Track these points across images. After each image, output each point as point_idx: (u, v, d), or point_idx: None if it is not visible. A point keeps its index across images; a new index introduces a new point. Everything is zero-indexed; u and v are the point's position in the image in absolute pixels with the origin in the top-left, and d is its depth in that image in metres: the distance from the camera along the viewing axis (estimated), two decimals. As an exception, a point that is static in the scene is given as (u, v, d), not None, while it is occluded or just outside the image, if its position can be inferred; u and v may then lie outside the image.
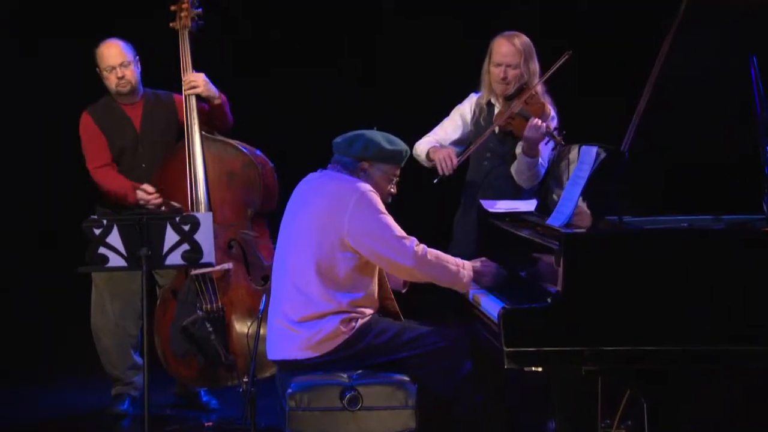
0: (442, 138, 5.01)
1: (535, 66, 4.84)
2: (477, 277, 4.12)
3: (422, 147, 4.93)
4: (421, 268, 3.95)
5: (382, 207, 3.98)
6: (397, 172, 4.15)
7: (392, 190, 4.13)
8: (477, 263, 4.11)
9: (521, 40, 4.81)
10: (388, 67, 6.65)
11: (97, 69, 5.19)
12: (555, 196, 4.14)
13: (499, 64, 4.81)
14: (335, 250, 3.95)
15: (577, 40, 5.20)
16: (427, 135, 5.02)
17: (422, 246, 3.99)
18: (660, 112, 3.84)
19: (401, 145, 4.12)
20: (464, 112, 5.01)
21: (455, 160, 4.79)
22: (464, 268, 4.04)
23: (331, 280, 3.96)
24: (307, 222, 4.00)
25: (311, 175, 4.17)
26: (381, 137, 4.08)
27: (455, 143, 4.99)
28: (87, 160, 5.20)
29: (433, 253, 4.01)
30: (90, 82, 5.25)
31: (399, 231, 3.96)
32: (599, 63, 6.06)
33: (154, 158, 5.18)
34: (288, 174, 4.74)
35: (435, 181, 4.77)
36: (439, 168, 4.79)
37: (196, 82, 5.15)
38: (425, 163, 4.93)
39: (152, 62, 5.30)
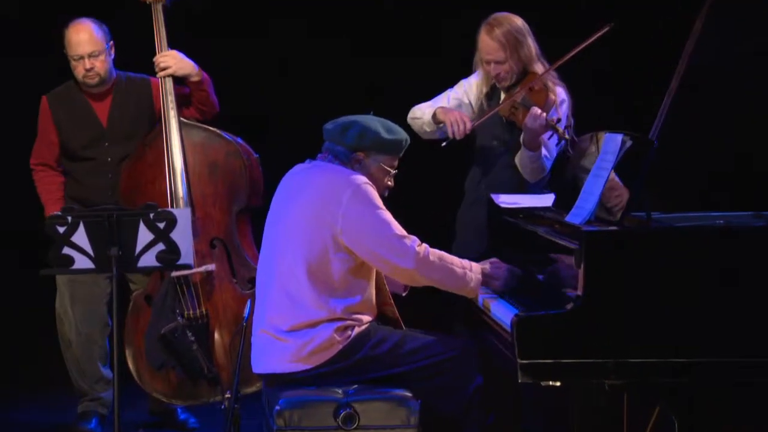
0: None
1: (530, 50, 4.80)
2: (487, 280, 4.11)
3: (425, 109, 4.93)
4: (424, 271, 3.94)
5: (379, 202, 3.96)
6: (396, 164, 4.14)
7: (389, 183, 4.12)
8: (486, 265, 4.12)
9: (503, 29, 4.76)
10: (386, 41, 6.64)
11: (64, 51, 5.14)
12: (575, 190, 4.13)
13: (487, 62, 4.81)
14: (328, 251, 3.94)
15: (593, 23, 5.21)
16: (427, 102, 4.98)
17: (424, 246, 3.97)
18: (693, 96, 3.86)
19: (401, 134, 4.10)
20: (470, 90, 4.99)
21: (469, 124, 4.77)
22: (472, 270, 4.03)
23: (323, 283, 3.95)
24: (295, 219, 3.99)
25: (299, 167, 4.15)
26: (378, 124, 4.06)
27: None
28: (33, 151, 5.21)
29: (437, 254, 3.99)
30: (53, 67, 5.24)
31: (399, 229, 3.94)
32: (623, 48, 6.06)
33: (122, 152, 5.17)
34: (271, 165, 4.70)
35: (443, 145, 4.76)
36: (449, 130, 4.76)
37: (166, 60, 5.11)
38: (425, 129, 4.93)
39: (126, 40, 5.24)
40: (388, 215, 3.96)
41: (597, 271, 3.56)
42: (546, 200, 4.48)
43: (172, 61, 5.12)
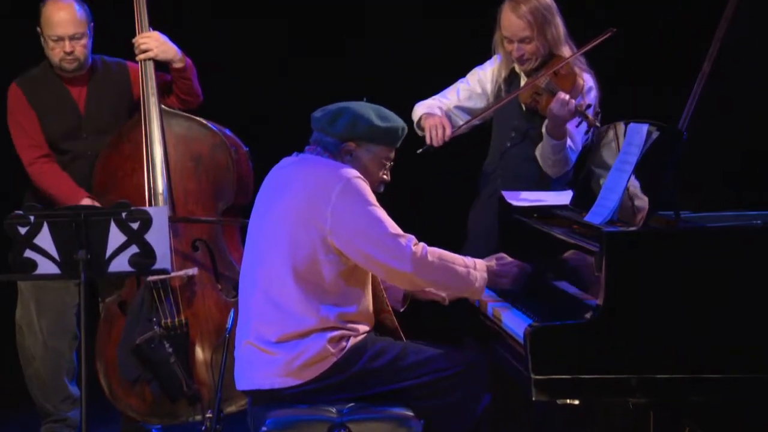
0: (451, 104, 5.01)
1: (557, 29, 4.82)
2: (493, 278, 4.10)
3: (419, 110, 4.99)
4: (423, 273, 3.94)
5: (372, 198, 3.96)
6: (392, 155, 4.13)
7: (385, 176, 4.11)
8: (492, 261, 4.12)
9: (529, 5, 4.78)
10: (379, 22, 6.67)
11: (39, 29, 5.11)
12: (595, 186, 4.12)
13: (510, 41, 4.82)
14: (317, 253, 3.94)
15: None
16: (434, 97, 5.02)
17: (422, 245, 3.97)
18: (726, 81, 3.87)
19: (397, 122, 4.08)
20: (485, 78, 5.01)
21: (448, 131, 4.80)
22: (476, 268, 4.04)
23: (313, 289, 3.95)
24: (280, 219, 3.99)
25: (285, 161, 4.15)
26: (371, 111, 4.05)
27: (468, 114, 5.00)
28: (18, 149, 5.15)
29: (436, 252, 3.99)
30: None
31: (393, 227, 3.94)
32: (648, 36, 6.08)
33: (100, 145, 5.15)
34: (263, 159, 4.67)
35: (418, 151, 4.80)
36: (427, 137, 4.81)
37: (148, 42, 5.10)
38: (418, 132, 4.96)
39: (101, 18, 5.20)
40: (381, 212, 3.94)
41: (619, 276, 3.55)
42: (563, 198, 4.49)
43: (154, 44, 5.09)
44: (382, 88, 4.35)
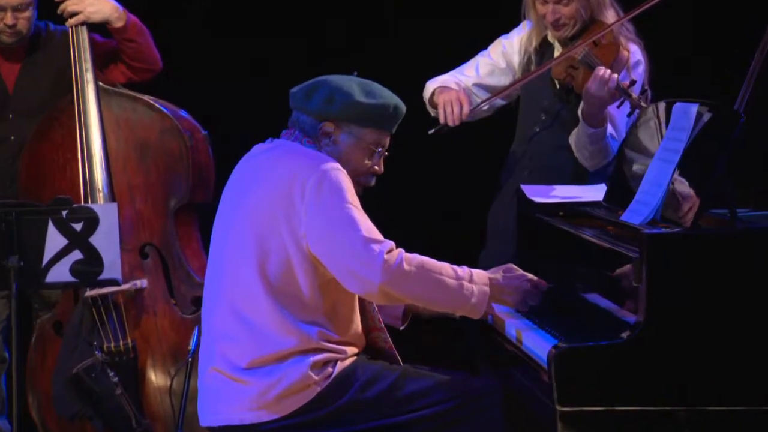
0: (469, 81, 5.02)
1: None
2: (497, 294, 4.05)
3: (431, 86, 5.00)
4: (396, 285, 3.90)
5: (350, 194, 3.93)
6: (383, 141, 4.10)
7: (375, 167, 4.10)
8: (498, 273, 4.07)
9: None
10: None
11: None
12: (633, 179, 4.12)
13: (544, 1, 4.88)
14: (291, 261, 3.93)
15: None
16: (449, 73, 5.02)
17: (398, 252, 3.92)
18: None
19: (387, 99, 4.06)
20: (510, 49, 5.03)
21: (466, 108, 4.79)
22: (472, 281, 3.99)
23: (290, 303, 3.95)
24: (248, 218, 3.99)
25: (258, 148, 4.15)
26: (355, 85, 4.04)
27: (490, 92, 5.00)
28: None
29: (415, 260, 3.94)
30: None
31: (368, 230, 3.91)
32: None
33: (28, 128, 5.16)
34: (232, 147, 4.63)
35: (430, 132, 4.83)
36: (441, 115, 4.83)
37: (75, 3, 5.08)
38: (431, 111, 4.98)
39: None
40: (357, 213, 3.92)
41: (663, 287, 3.56)
42: (595, 193, 4.51)
43: (83, 3, 5.08)
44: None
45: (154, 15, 5.40)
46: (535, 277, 4.10)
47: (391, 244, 3.92)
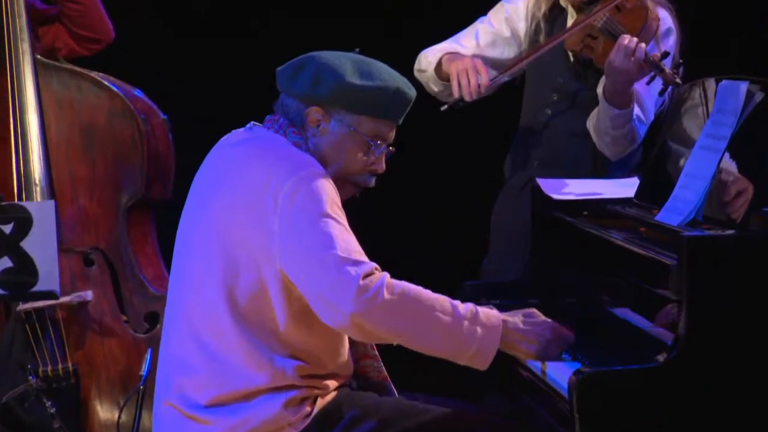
0: (467, 53, 5.07)
1: None
2: (513, 340, 3.94)
3: (431, 56, 5.01)
4: (372, 316, 3.81)
5: (328, 203, 3.88)
6: (384, 133, 4.07)
7: (374, 165, 4.08)
8: (517, 317, 3.97)
9: None
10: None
11: None
12: (672, 171, 4.15)
13: None
14: (263, 281, 3.91)
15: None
16: (443, 42, 5.04)
17: (379, 277, 3.84)
18: None
19: (387, 80, 4.03)
20: (515, 14, 5.06)
21: (485, 77, 4.82)
22: (477, 321, 3.90)
23: (261, 331, 3.93)
24: (215, 224, 3.97)
25: (233, 135, 4.14)
26: (348, 63, 4.02)
27: (492, 67, 5.01)
28: None
29: (401, 289, 3.85)
30: None
31: (345, 249, 3.85)
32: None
33: None
34: (201, 134, 4.61)
35: (443, 108, 4.85)
36: (455, 87, 4.86)
37: None
38: (432, 88, 5.02)
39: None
40: (335, 227, 3.86)
41: (707, 299, 3.59)
42: (625, 189, 4.52)
43: None
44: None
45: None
46: (563, 327, 4.00)
47: (371, 266, 3.84)
